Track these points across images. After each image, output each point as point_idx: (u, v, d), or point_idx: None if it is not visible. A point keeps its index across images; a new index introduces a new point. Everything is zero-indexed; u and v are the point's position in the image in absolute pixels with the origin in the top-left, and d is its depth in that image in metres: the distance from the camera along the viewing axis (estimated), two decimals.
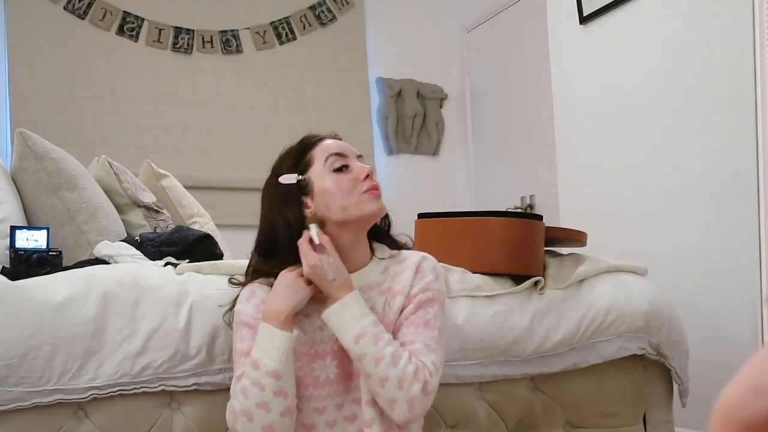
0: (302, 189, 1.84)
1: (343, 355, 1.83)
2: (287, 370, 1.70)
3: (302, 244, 1.79)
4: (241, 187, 5.20)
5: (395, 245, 1.97)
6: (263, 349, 1.70)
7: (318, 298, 1.85)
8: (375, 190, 1.83)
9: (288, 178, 1.84)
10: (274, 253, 1.85)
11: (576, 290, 2.46)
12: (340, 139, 1.92)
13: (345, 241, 1.84)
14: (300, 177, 1.84)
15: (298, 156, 1.87)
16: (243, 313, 1.83)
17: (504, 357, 2.31)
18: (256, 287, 1.86)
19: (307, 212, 1.83)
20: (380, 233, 1.96)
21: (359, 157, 1.89)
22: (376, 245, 1.95)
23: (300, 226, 1.82)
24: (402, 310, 1.84)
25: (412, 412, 1.72)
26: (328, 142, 1.88)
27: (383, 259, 1.92)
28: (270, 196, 1.87)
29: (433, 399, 1.76)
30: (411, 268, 1.88)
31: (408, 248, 1.99)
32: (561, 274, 2.50)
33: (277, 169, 1.89)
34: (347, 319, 1.74)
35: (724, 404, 0.66)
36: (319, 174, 1.83)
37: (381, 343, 1.73)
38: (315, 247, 1.78)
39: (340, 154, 1.85)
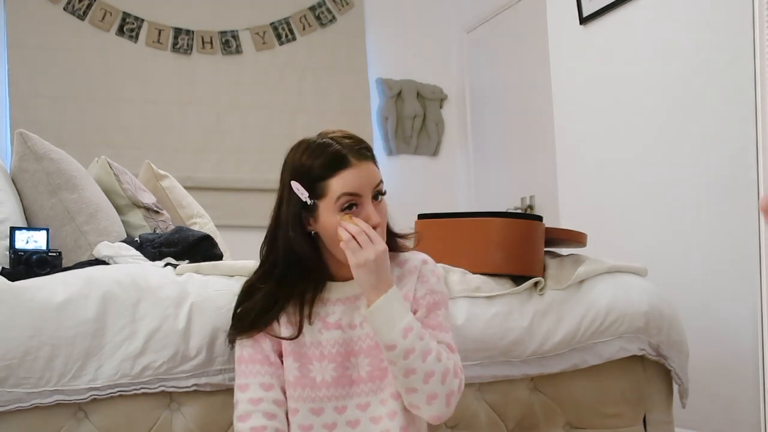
0: (308, 208, 1.79)
1: (342, 360, 1.83)
2: None
3: (369, 229, 1.72)
4: (240, 187, 5.21)
5: (395, 246, 1.93)
6: None
7: (320, 300, 1.85)
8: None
9: (300, 190, 1.78)
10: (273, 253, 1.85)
11: (576, 291, 2.46)
12: (369, 157, 1.84)
13: (342, 261, 1.83)
14: (309, 201, 1.78)
15: (316, 177, 1.77)
16: None
17: (504, 358, 2.31)
18: None
19: (310, 229, 1.80)
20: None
21: (377, 186, 1.80)
22: None
23: (303, 242, 1.80)
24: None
25: (449, 407, 1.75)
26: (350, 174, 1.77)
27: None
28: (283, 194, 1.84)
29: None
30: (413, 273, 1.88)
31: (407, 249, 1.96)
32: (561, 274, 2.50)
33: (296, 167, 1.81)
34: (395, 313, 1.71)
35: None
36: (328, 208, 1.77)
37: (426, 338, 1.74)
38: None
39: (353, 194, 1.76)
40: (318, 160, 1.78)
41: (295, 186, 1.78)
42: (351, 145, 1.82)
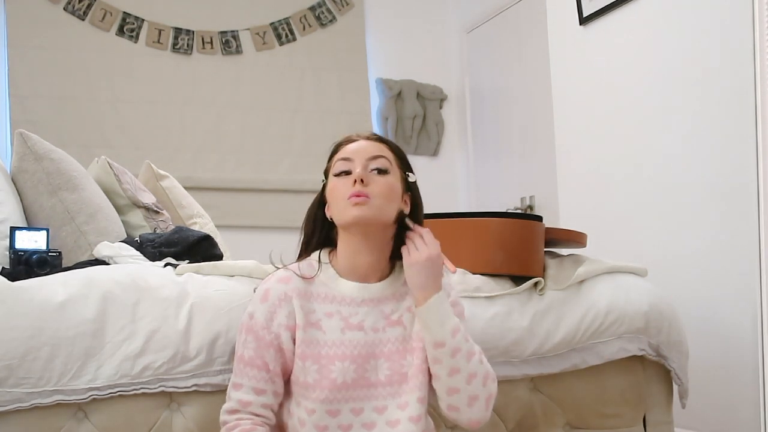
0: (324, 191, 1.88)
1: (362, 361, 1.81)
2: None
3: (425, 233, 1.81)
4: (240, 187, 5.21)
5: None
6: None
7: (339, 297, 1.84)
8: (356, 197, 1.77)
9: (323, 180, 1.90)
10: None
11: (576, 291, 2.46)
12: (377, 139, 1.89)
13: (355, 243, 1.83)
14: (323, 180, 1.89)
15: (328, 158, 1.89)
16: (253, 317, 1.82)
17: (504, 358, 2.31)
18: (276, 284, 1.83)
19: (327, 213, 1.86)
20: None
21: (376, 159, 1.83)
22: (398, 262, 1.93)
23: (321, 225, 1.89)
24: None
25: (488, 410, 1.83)
26: (349, 145, 1.86)
27: (401, 273, 1.90)
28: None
29: None
30: None
31: None
32: (561, 275, 2.50)
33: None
34: (445, 312, 1.79)
35: None
36: (330, 178, 1.86)
37: (471, 341, 1.82)
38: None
39: (346, 159, 1.83)
40: (333, 147, 1.91)
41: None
42: (362, 133, 1.92)
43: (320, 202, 1.89)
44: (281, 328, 1.80)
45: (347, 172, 1.82)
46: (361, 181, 1.78)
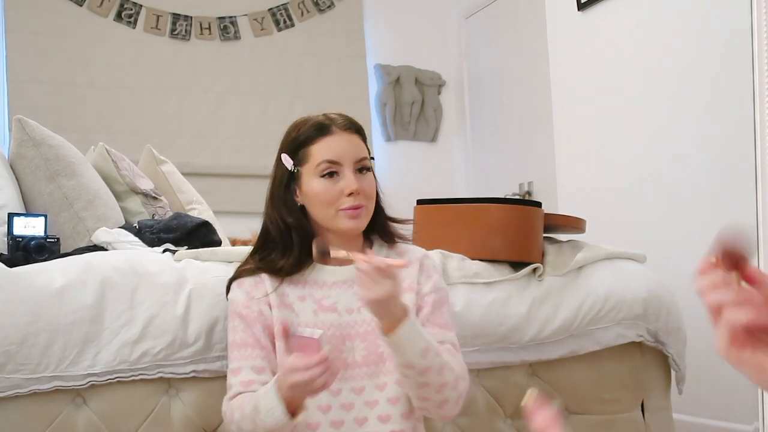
0: (294, 177, 1.85)
1: (337, 343, 1.83)
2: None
3: (366, 274, 1.65)
4: (239, 173, 5.20)
5: (390, 238, 1.97)
6: (266, 409, 1.65)
7: (311, 281, 1.86)
8: (354, 210, 1.80)
9: (286, 160, 1.86)
10: (270, 242, 1.89)
11: (574, 277, 2.46)
12: (354, 130, 1.89)
13: (333, 238, 1.85)
14: (293, 168, 1.85)
15: (301, 143, 1.85)
16: (234, 301, 1.86)
17: (502, 344, 2.31)
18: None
19: (297, 200, 1.85)
20: (377, 226, 1.95)
21: (361, 161, 1.85)
22: (373, 237, 1.96)
23: (292, 211, 1.85)
24: (417, 310, 1.85)
25: (457, 406, 1.79)
26: (331, 141, 1.83)
27: (381, 249, 1.95)
28: (275, 169, 1.90)
29: None
30: (414, 265, 1.90)
31: (405, 240, 1.99)
32: (559, 261, 2.49)
33: (286, 141, 1.90)
34: (413, 338, 1.68)
35: None
36: (309, 173, 1.83)
37: (441, 353, 1.74)
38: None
39: (333, 162, 1.82)
40: (303, 129, 1.87)
41: (284, 157, 1.85)
42: (338, 118, 1.89)
43: (288, 185, 1.87)
44: (261, 303, 1.83)
45: (335, 173, 1.82)
46: (358, 192, 1.80)
